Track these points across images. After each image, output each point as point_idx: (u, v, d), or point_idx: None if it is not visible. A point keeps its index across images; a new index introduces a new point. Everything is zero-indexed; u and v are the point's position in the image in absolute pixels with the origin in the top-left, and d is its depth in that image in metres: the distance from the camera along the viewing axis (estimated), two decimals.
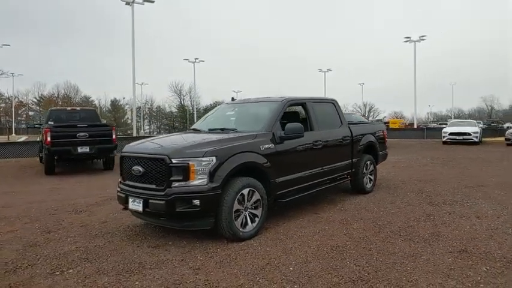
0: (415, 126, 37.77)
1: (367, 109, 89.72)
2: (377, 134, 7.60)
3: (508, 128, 34.28)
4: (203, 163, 4.14)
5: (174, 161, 4.14)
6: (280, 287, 3.21)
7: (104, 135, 11.36)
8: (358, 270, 3.51)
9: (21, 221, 5.66)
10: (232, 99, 6.31)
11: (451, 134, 20.61)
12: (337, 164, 6.23)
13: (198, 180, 4.14)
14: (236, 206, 4.33)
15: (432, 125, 44.99)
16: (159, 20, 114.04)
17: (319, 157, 5.80)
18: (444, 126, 27.97)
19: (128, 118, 74.33)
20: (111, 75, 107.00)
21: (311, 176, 5.59)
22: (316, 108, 6.02)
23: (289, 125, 5.02)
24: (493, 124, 43.23)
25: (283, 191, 5.06)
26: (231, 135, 4.75)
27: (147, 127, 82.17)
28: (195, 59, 52.27)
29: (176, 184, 4.15)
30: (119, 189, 4.78)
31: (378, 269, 3.52)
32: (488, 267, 3.49)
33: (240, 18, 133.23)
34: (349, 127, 6.68)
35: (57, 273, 3.63)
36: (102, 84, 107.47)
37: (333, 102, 6.62)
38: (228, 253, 4.04)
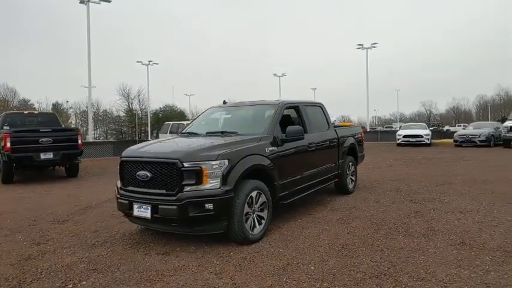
0: (368, 129, 39.63)
1: None
2: (356, 136, 7.92)
3: (447, 130, 37.27)
4: (216, 166, 4.10)
5: (186, 164, 4.06)
6: (310, 286, 3.26)
7: (68, 140, 10.72)
8: (376, 266, 3.66)
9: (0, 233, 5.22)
10: (224, 102, 6.28)
11: (405, 136, 21.92)
12: (328, 165, 6.43)
13: (211, 184, 4.09)
14: (246, 208, 4.33)
15: (379, 129, 47.37)
16: (115, 20, 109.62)
17: (313, 159, 5.95)
18: (393, 129, 29.64)
19: (71, 122, 70.55)
20: (53, 78, 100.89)
21: (308, 178, 5.73)
22: (308, 111, 6.17)
23: (290, 128, 5.11)
24: (434, 127, 46.55)
25: (285, 193, 5.13)
26: (238, 138, 4.74)
27: (93, 132, 78.24)
28: (149, 61, 50.94)
29: (188, 188, 4.06)
30: (119, 195, 4.57)
31: (394, 264, 3.69)
32: (490, 257, 3.79)
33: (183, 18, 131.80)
34: (335, 130, 6.91)
35: (70, 286, 3.41)
36: (44, 87, 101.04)
37: (321, 106, 6.82)
38: (243, 256, 4.03)
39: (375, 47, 37.55)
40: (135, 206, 4.30)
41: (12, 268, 3.87)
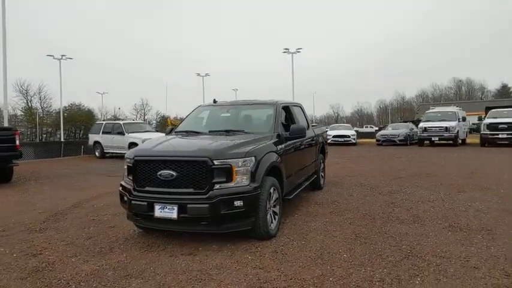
0: None
1: None
2: (324, 136, 8.46)
3: (357, 131, 41.01)
4: (244, 163, 4.15)
5: (216, 162, 4.03)
6: (357, 272, 3.52)
7: (4, 141, 9.50)
8: (398, 250, 4.07)
9: None
10: (214, 101, 6.22)
11: (334, 136, 23.58)
12: (311, 162, 6.79)
13: (240, 181, 4.12)
14: (267, 204, 4.44)
15: None
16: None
17: (303, 156, 6.26)
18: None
19: None
20: None
21: (301, 174, 6.01)
22: (295, 111, 6.46)
23: (294, 126, 5.34)
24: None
25: (289, 189, 5.34)
26: (252, 137, 4.80)
27: None
28: (62, 55, 46.61)
29: (217, 186, 4.04)
30: (131, 197, 4.32)
31: (412, 247, 4.15)
32: (481, 236, 4.47)
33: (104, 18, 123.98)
34: (312, 129, 7.31)
35: None
36: None
37: (300, 106, 7.16)
38: (273, 250, 4.14)
39: (299, 51, 39.53)
40: (157, 207, 4.12)
41: (28, 282, 3.46)
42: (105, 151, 18.11)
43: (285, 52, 39.33)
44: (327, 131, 9.01)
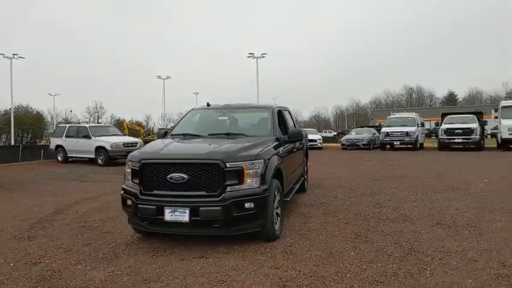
0: None
1: None
2: (307, 139, 8.69)
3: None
4: (255, 166, 4.22)
5: (228, 165, 4.07)
6: (369, 267, 3.70)
7: None
8: (399, 246, 4.31)
9: None
10: (208, 104, 6.22)
11: None
12: (300, 165, 6.98)
13: (250, 183, 4.18)
14: (273, 206, 4.53)
15: None
16: None
17: (296, 159, 6.42)
18: None
19: None
20: None
21: (295, 176, 6.16)
22: (285, 115, 6.61)
23: (292, 130, 5.51)
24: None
25: (286, 191, 5.46)
26: (256, 140, 4.88)
27: None
28: (13, 54, 43.95)
29: (229, 189, 4.08)
30: (138, 201, 4.24)
31: (411, 243, 4.41)
32: (468, 232, 4.84)
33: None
34: None
35: None
36: None
37: (288, 110, 7.33)
38: (282, 250, 4.24)
39: (264, 56, 40.09)
40: (167, 211, 4.08)
41: None
42: (68, 155, 17.29)
43: (249, 57, 39.71)
44: (307, 135, 9.26)
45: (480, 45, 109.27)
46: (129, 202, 4.38)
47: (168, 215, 4.08)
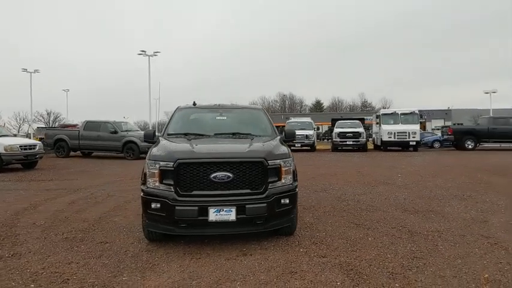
0: None
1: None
2: None
3: None
4: (288, 163, 4.45)
5: (270, 162, 4.22)
6: (397, 249, 4.31)
7: None
8: (400, 230, 5.06)
9: None
10: (194, 103, 6.03)
11: None
12: None
13: (285, 180, 4.40)
14: None
15: None
16: None
17: None
18: None
19: None
20: None
21: None
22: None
23: (288, 131, 5.81)
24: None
25: None
26: (272, 139, 5.06)
27: None
28: None
29: (270, 186, 4.23)
30: (175, 203, 4.02)
31: (405, 227, 5.21)
32: (434, 215, 5.92)
33: None
34: None
35: None
36: None
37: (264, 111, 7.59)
38: (312, 242, 4.58)
39: (156, 55, 38.68)
40: (212, 211, 4.00)
41: None
42: None
43: (140, 54, 37.91)
44: None
45: (343, 60, 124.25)
46: (158, 205, 4.11)
47: (213, 215, 4.01)
